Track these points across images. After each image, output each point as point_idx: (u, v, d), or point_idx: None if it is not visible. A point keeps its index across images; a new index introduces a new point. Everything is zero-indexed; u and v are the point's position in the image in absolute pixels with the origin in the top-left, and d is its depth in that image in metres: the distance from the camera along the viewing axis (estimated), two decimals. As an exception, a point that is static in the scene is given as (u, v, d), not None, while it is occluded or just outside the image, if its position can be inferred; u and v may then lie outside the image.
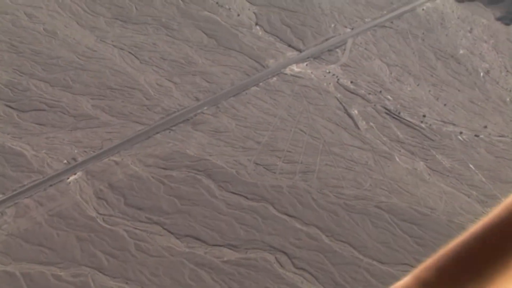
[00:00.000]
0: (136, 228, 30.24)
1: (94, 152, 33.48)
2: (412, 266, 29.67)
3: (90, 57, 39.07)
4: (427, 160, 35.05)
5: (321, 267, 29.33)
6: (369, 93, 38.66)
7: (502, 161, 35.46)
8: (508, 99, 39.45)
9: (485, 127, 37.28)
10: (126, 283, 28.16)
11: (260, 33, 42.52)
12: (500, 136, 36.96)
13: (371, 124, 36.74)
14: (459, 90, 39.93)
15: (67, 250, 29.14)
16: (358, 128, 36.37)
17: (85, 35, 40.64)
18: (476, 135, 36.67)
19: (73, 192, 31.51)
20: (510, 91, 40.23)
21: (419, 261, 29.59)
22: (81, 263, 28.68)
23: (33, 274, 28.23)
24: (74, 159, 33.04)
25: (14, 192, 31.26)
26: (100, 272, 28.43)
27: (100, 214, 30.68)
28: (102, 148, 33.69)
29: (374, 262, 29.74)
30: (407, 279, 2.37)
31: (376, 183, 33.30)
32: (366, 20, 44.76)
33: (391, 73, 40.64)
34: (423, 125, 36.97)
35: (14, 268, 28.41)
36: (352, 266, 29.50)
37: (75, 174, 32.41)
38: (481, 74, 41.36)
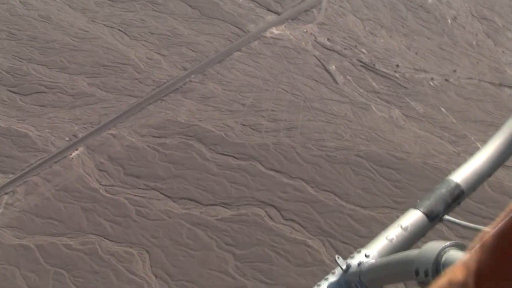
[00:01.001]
0: (135, 195, 29.48)
1: (92, 127, 32.48)
2: (391, 208, 28.88)
3: (83, 37, 37.63)
4: (401, 107, 33.80)
5: (307, 217, 28.55)
6: (345, 48, 37.10)
7: (471, 102, 34.14)
8: (474, 43, 37.78)
9: (454, 71, 35.81)
10: (130, 246, 27.57)
11: (240, 0, 40.69)
12: (468, 79, 35.51)
13: (348, 77, 35.35)
14: (428, 38, 38.25)
15: (74, 221, 28.49)
16: (336, 83, 35.01)
17: (77, 17, 39.07)
18: (446, 80, 35.27)
19: (76, 166, 30.67)
20: (476, 34, 38.49)
21: (397, 203, 28.92)
22: (88, 231, 28.05)
23: (46, 246, 27.68)
24: (75, 135, 32.08)
25: (23, 172, 30.47)
26: (106, 238, 27.82)
27: (102, 185, 29.90)
28: (100, 123, 32.67)
29: (357, 208, 28.92)
30: (452, 267, 1.86)
31: (355, 133, 32.19)
32: (339, -22, 42.71)
33: (364, 27, 38.95)
34: (396, 74, 35.54)
35: (28, 241, 27.87)
36: (336, 213, 28.70)
37: (77, 149, 31.50)
38: (449, 20, 39.57)
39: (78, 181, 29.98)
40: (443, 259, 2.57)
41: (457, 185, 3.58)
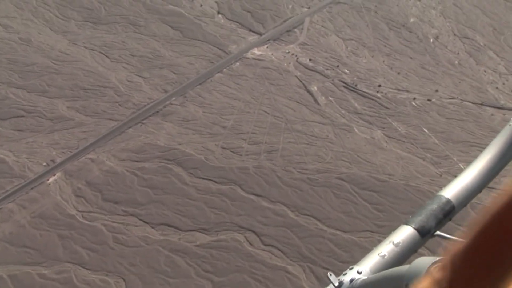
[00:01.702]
0: (113, 222, 28.68)
1: (71, 152, 31.73)
2: (373, 232, 28.16)
3: (64, 60, 36.99)
4: (383, 128, 33.21)
5: (288, 242, 27.79)
6: (327, 69, 36.59)
7: (453, 122, 33.59)
8: (456, 62, 37.34)
9: (436, 91, 35.32)
10: (107, 275, 26.71)
11: (222, 21, 40.27)
12: (450, 98, 35.01)
13: (330, 98, 34.79)
14: (411, 58, 37.80)
15: (50, 249, 27.63)
16: (318, 104, 34.44)
17: (58, 39, 38.46)
18: (428, 100, 34.75)
19: (53, 192, 29.86)
20: (458, 53, 38.08)
21: (379, 226, 28.19)
22: (63, 260, 27.20)
23: (19, 275, 26.78)
24: (53, 160, 31.31)
25: (-1, 198, 29.67)
26: (82, 267, 26.95)
27: (79, 211, 29.10)
28: (78, 147, 31.93)
29: (338, 232, 28.19)
30: (422, 280, 1.85)
31: (337, 155, 31.53)
32: (322, -2, 42.34)
33: (347, 47, 38.47)
34: (379, 94, 35.01)
35: (1, 271, 26.96)
36: (317, 238, 27.95)
37: (54, 175, 30.72)
38: (431, 40, 39.17)
39: (55, 208, 29.15)
40: None
41: (448, 201, 3.61)
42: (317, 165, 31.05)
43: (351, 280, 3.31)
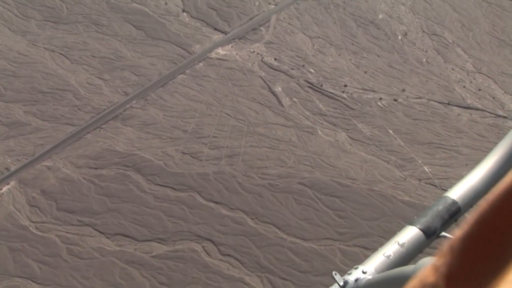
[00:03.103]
0: (68, 232, 27.51)
1: (26, 159, 30.44)
2: (334, 240, 27.21)
3: (22, 62, 35.52)
4: (348, 130, 32.16)
5: (246, 251, 26.80)
6: (292, 68, 35.40)
7: (419, 123, 32.59)
8: (424, 60, 36.25)
9: (403, 90, 34.26)
10: (58, 289, 25.57)
11: (187, 19, 38.86)
12: (417, 98, 33.97)
13: (294, 99, 33.65)
14: (378, 56, 36.66)
15: None
16: (282, 105, 33.30)
17: (17, 40, 36.92)
18: (395, 99, 33.70)
19: (6, 203, 28.61)
20: (426, 51, 36.96)
21: (340, 234, 27.24)
22: (14, 274, 26.04)
23: (-32, 291, 25.61)
24: (7, 169, 30.02)
25: (-50, 209, 28.33)
26: (33, 281, 25.82)
27: (33, 222, 27.90)
28: (35, 154, 30.65)
29: (298, 240, 27.21)
30: (424, 269, 1.78)
31: (299, 159, 30.48)
32: (290, -6, 40.94)
33: (313, 46, 37.26)
34: (344, 95, 33.90)
35: (-51, 286, 25.78)
36: (276, 247, 26.97)
37: (8, 184, 29.43)
38: (399, 37, 38.02)
39: (7, 219, 27.92)
40: None
41: (454, 202, 3.56)
42: (278, 169, 29.98)
43: (356, 280, 3.26)
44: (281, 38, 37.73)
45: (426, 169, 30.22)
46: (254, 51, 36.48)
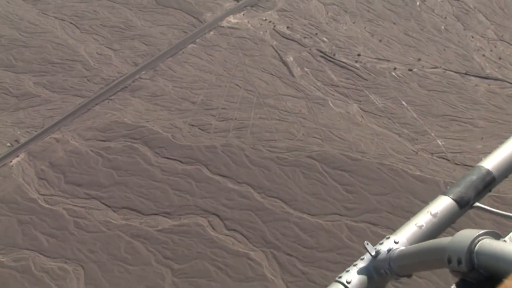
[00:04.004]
0: (75, 205, 27.44)
1: (36, 131, 30.31)
2: (341, 215, 26.53)
3: (33, 32, 35.09)
4: (360, 101, 31.06)
5: (252, 226, 26.36)
6: (305, 37, 34.17)
7: (434, 94, 31.25)
8: (442, 27, 34.54)
9: (419, 59, 32.80)
10: (65, 262, 25.65)
11: (199, -15, 37.60)
12: (433, 68, 32.50)
13: (306, 69, 32.55)
14: (394, 23, 35.07)
15: (9, 235, 26.58)
16: (293, 76, 32.27)
17: (28, 9, 36.42)
18: (409, 69, 32.33)
19: (16, 175, 28.61)
20: (445, 17, 35.20)
21: (347, 209, 26.58)
22: (22, 246, 26.16)
23: (-23, 262, 25.85)
24: (17, 141, 29.95)
25: (-39, 181, 28.48)
26: (41, 254, 25.91)
27: (41, 194, 27.88)
28: (44, 126, 30.48)
29: (304, 215, 26.61)
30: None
31: (309, 132, 29.63)
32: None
33: (327, 13, 35.83)
34: (357, 64, 32.66)
35: (-40, 257, 26.03)
36: (282, 222, 26.44)
37: (17, 156, 29.39)
38: (417, 3, 36.24)
39: (16, 191, 27.96)
40: (477, 247, 2.50)
41: (489, 172, 3.43)
42: (287, 142, 29.21)
43: (389, 250, 3.16)
44: (295, 5, 36.36)
45: (439, 143, 29.07)
46: (266, 19, 35.29)
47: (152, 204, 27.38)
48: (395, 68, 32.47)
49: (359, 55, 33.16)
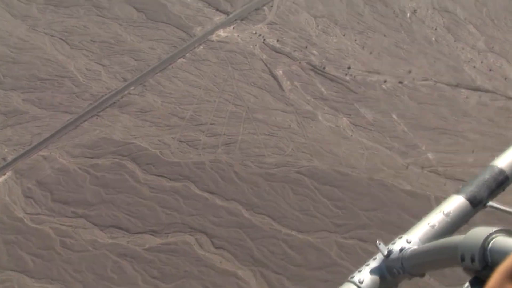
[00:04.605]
0: (62, 224, 27.00)
1: (23, 149, 29.87)
2: (330, 232, 26.04)
3: (22, 48, 34.74)
4: (350, 115, 30.62)
5: (240, 244, 25.89)
6: (295, 50, 33.77)
7: (425, 107, 30.81)
8: (433, 39, 34.12)
9: (410, 71, 32.38)
10: (50, 283, 25.21)
11: (189, 0, 37.24)
12: (424, 80, 32.07)
13: (296, 83, 32.15)
14: (385, 35, 34.67)
15: (-6, 255, 26.11)
16: (283, 90, 31.85)
17: (17, 25, 36.09)
18: (400, 82, 31.90)
19: (2, 194, 28.19)
20: (436, 29, 34.78)
21: (336, 225, 26.03)
22: (7, 267, 25.71)
23: (-39, 284, 25.39)
24: (4, 159, 29.55)
25: None
26: (26, 275, 25.48)
27: (28, 213, 27.44)
28: (31, 143, 30.07)
29: (293, 232, 26.15)
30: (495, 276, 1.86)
31: (298, 147, 29.18)
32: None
33: (317, 26, 35.44)
34: (347, 77, 32.23)
35: None
36: (270, 239, 25.97)
37: (4, 174, 28.96)
38: (408, 14, 35.84)
39: (2, 210, 27.54)
40: (490, 245, 2.47)
41: (501, 171, 3.37)
42: (276, 158, 28.76)
43: (401, 249, 3.08)
44: (285, 18, 35.98)
45: (430, 156, 28.60)
46: (256, 33, 34.90)
47: (139, 222, 26.92)
48: (385, 81, 32.04)
49: (349, 67, 32.74)
